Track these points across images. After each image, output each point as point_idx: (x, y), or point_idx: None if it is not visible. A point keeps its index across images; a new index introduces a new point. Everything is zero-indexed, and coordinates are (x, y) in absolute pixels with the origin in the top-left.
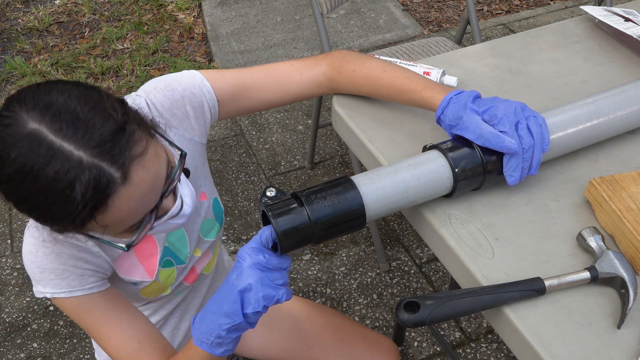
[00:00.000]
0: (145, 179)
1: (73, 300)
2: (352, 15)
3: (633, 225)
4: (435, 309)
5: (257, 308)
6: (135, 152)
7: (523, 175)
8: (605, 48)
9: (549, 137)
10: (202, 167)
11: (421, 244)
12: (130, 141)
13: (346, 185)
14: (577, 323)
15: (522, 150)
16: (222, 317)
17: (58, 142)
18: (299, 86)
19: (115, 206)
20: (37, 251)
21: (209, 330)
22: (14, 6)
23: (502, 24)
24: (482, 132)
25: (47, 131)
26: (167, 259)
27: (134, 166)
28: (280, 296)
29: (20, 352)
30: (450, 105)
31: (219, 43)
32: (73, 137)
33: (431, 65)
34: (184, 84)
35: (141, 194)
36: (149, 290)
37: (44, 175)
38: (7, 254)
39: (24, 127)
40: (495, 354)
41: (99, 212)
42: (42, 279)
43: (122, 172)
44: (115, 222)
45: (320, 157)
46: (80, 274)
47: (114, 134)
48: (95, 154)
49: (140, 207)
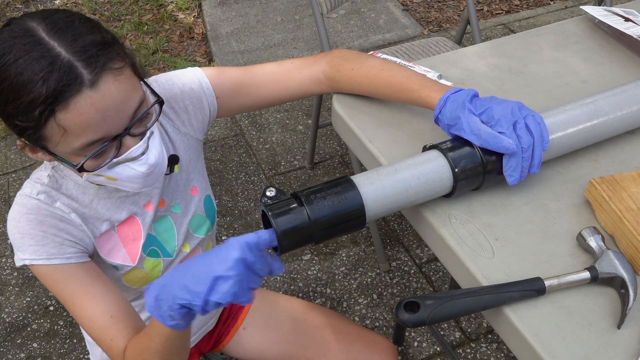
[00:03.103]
0: (114, 93)
1: (50, 268)
2: (352, 15)
3: (633, 225)
4: (435, 309)
5: (222, 300)
6: (111, 66)
7: (523, 175)
8: (605, 48)
9: (548, 134)
10: (196, 162)
11: (421, 244)
12: (111, 56)
13: (346, 185)
14: (577, 323)
15: (521, 150)
16: (182, 291)
17: (46, 38)
18: (298, 84)
19: (76, 107)
20: (20, 217)
21: (163, 298)
22: (14, 6)
23: (502, 24)
24: (480, 133)
25: (42, 30)
26: (152, 249)
27: (106, 75)
28: (247, 300)
29: (20, 352)
30: (447, 104)
31: (219, 43)
32: (61, 37)
33: (430, 66)
34: (184, 80)
35: (105, 106)
36: (131, 277)
37: (23, 60)
38: (7, 254)
39: (24, 24)
40: (495, 354)
41: (60, 107)
42: (22, 244)
43: (92, 76)
44: (74, 127)
45: (320, 157)
46: (60, 243)
47: (98, 44)
48: (73, 53)
49: (102, 122)
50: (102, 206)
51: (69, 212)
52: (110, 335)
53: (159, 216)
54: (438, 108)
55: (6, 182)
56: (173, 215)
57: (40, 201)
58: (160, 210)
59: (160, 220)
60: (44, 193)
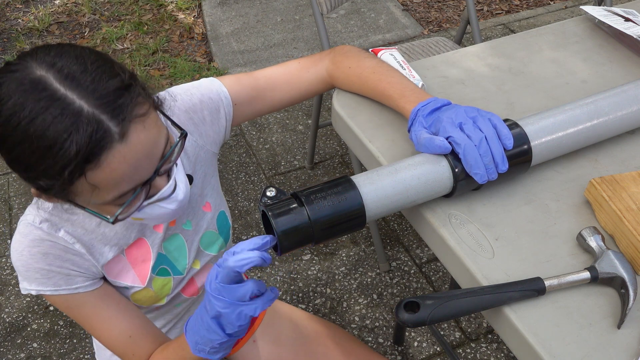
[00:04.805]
0: (143, 141)
1: (60, 297)
2: (352, 15)
3: (633, 225)
4: (435, 309)
5: (234, 329)
6: (137, 112)
7: (491, 171)
8: (605, 48)
9: (508, 131)
10: (211, 177)
11: (421, 244)
12: (134, 101)
13: (346, 185)
14: (577, 323)
15: (474, 147)
16: (211, 334)
17: (62, 89)
18: (308, 84)
19: (108, 163)
20: (23, 250)
21: (203, 342)
22: (14, 6)
23: (502, 24)
24: (419, 140)
25: (53, 79)
26: (162, 267)
27: (134, 125)
28: (252, 312)
29: (20, 352)
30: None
31: (219, 43)
32: (77, 87)
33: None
34: (202, 90)
35: (137, 157)
36: (140, 296)
37: (42, 119)
38: (7, 254)
39: (31, 73)
40: (495, 354)
41: (91, 166)
42: (28, 276)
43: (120, 128)
44: (106, 183)
45: (320, 157)
46: (66, 274)
47: (119, 90)
48: (96, 105)
49: (134, 173)
50: (110, 230)
51: (73, 242)
52: (132, 351)
53: (169, 234)
54: (410, 122)
55: (6, 182)
56: (184, 232)
57: (43, 231)
58: (170, 228)
59: (171, 238)
60: (47, 221)
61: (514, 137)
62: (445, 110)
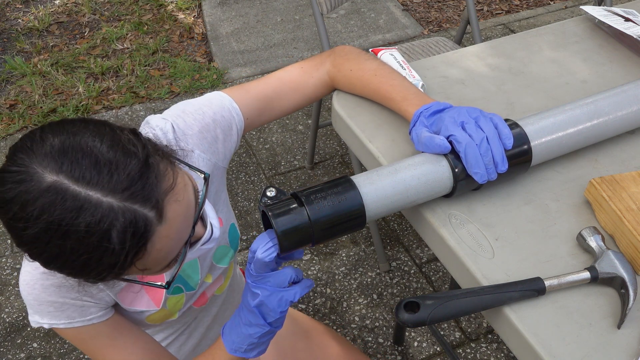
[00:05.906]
0: (180, 212)
1: (73, 330)
2: (352, 15)
3: (633, 225)
4: (435, 309)
5: (276, 315)
6: (165, 187)
7: (490, 171)
8: (605, 48)
9: (509, 131)
10: (222, 192)
11: (421, 244)
12: (158, 176)
13: (346, 185)
14: (577, 323)
15: (475, 146)
16: (252, 328)
17: (83, 191)
18: (313, 89)
19: (154, 248)
20: (35, 283)
21: (241, 340)
22: (14, 6)
23: (502, 24)
24: (420, 138)
25: (68, 181)
26: (176, 286)
27: (167, 202)
28: (292, 297)
29: (20, 352)
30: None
31: (219, 43)
32: (98, 183)
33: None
34: (214, 108)
35: (178, 229)
36: (155, 317)
37: (75, 230)
38: (7, 254)
39: (41, 180)
40: (495, 354)
41: (139, 257)
42: (40, 310)
43: (156, 211)
44: (155, 263)
45: (320, 157)
46: (80, 306)
47: (140, 171)
48: (125, 198)
49: (178, 243)
50: None
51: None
52: None
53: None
54: (412, 124)
55: None
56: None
57: None
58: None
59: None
60: None
61: (514, 137)
62: (447, 111)
